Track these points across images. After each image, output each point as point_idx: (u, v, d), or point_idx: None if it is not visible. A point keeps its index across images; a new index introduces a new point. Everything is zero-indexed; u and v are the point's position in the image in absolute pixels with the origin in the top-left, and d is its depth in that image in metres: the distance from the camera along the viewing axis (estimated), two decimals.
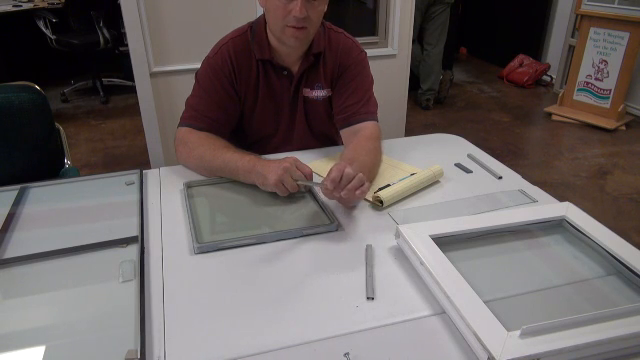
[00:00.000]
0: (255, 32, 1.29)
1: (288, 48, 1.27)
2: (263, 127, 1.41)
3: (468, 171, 1.29)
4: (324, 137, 1.46)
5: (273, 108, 1.37)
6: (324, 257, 0.95)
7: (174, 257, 0.95)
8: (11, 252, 0.97)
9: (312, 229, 1.02)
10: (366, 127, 1.30)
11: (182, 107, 1.33)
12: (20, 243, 1.00)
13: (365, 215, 1.09)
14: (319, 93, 1.36)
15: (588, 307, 0.81)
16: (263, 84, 1.33)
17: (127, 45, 2.36)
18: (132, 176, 1.25)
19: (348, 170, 1.00)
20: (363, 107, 1.33)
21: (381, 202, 1.10)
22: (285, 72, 1.32)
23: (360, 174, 1.01)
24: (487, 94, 4.45)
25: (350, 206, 1.11)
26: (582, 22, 3.73)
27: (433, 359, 0.72)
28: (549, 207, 1.07)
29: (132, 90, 3.04)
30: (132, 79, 2.41)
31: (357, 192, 1.01)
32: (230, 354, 0.73)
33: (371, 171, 1.20)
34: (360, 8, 2.90)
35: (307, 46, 1.29)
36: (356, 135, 1.29)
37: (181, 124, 1.31)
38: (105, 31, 4.00)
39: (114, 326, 0.79)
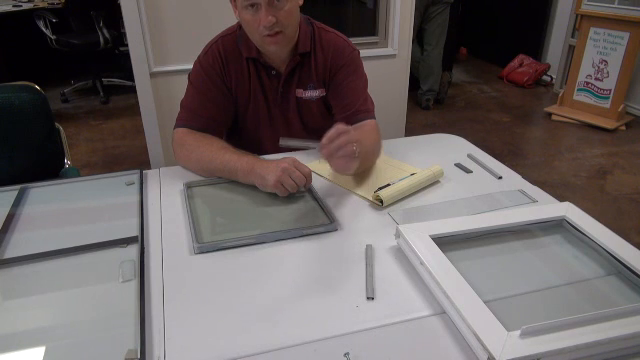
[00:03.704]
0: (242, 32, 1.29)
1: (272, 52, 1.27)
2: (258, 126, 1.41)
3: (468, 171, 1.29)
4: (321, 137, 1.47)
5: (265, 106, 1.38)
6: (324, 257, 0.95)
7: (174, 257, 0.95)
8: (11, 252, 0.97)
9: (312, 229, 1.02)
10: (368, 124, 1.31)
11: None
12: (20, 243, 1.00)
13: (365, 215, 1.09)
14: (312, 93, 1.36)
15: (588, 307, 0.81)
16: (255, 82, 1.34)
17: (127, 45, 2.36)
18: (132, 176, 1.25)
19: (343, 137, 1.02)
20: (362, 105, 1.33)
21: (381, 202, 1.10)
22: (273, 72, 1.33)
23: (352, 146, 1.03)
24: (487, 94, 4.45)
25: (343, 173, 1.12)
26: (582, 22, 3.74)
27: (433, 359, 0.72)
28: (549, 207, 1.07)
29: (132, 90, 3.05)
30: (132, 79, 2.41)
31: (341, 156, 1.03)
32: (230, 354, 0.73)
33: (369, 157, 1.21)
34: (360, 8, 2.90)
35: (292, 46, 1.30)
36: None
37: (177, 125, 1.31)
38: (105, 31, 4.00)
39: (114, 326, 0.79)
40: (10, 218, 1.08)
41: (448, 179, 1.24)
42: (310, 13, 1.37)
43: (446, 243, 0.93)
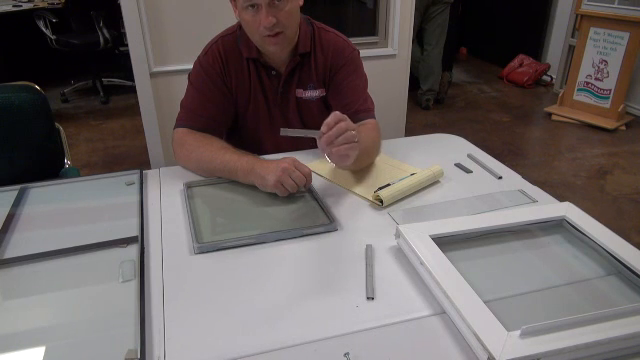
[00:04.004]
0: (242, 32, 1.29)
1: (272, 52, 1.27)
2: (258, 126, 1.41)
3: (468, 171, 1.29)
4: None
5: (265, 106, 1.38)
6: (324, 257, 0.95)
7: (174, 257, 0.95)
8: (11, 252, 0.97)
9: (312, 229, 1.02)
10: (368, 123, 1.31)
11: None
12: (20, 243, 1.00)
13: (365, 215, 1.09)
14: (312, 93, 1.37)
15: (588, 307, 0.81)
16: (255, 82, 1.34)
17: (127, 45, 2.36)
18: (132, 176, 1.25)
19: (342, 124, 1.01)
20: (362, 105, 1.33)
21: (381, 201, 1.10)
22: (273, 72, 1.33)
23: (351, 132, 1.02)
24: (487, 94, 4.45)
25: (340, 165, 1.11)
26: (582, 22, 3.74)
27: (433, 359, 0.72)
28: (549, 207, 1.07)
29: (132, 90, 3.04)
30: (132, 79, 2.41)
31: (344, 148, 1.02)
32: (230, 354, 0.73)
33: (369, 154, 1.20)
34: (360, 8, 2.90)
35: (292, 46, 1.30)
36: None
37: (177, 125, 1.31)
38: (105, 31, 4.00)
39: (114, 326, 0.79)
40: (10, 218, 1.08)
41: (448, 179, 1.24)
42: (310, 13, 1.37)
43: (446, 243, 0.93)
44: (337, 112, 1.03)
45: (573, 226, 0.99)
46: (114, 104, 4.20)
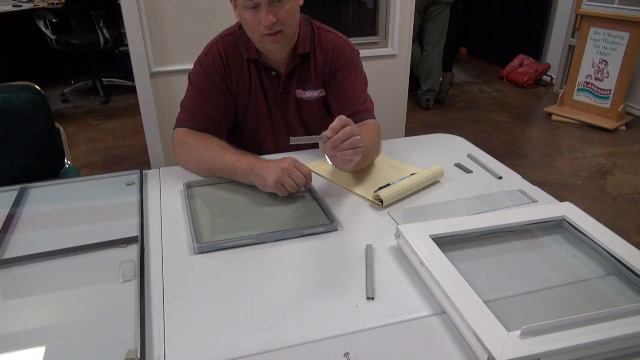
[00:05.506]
0: (242, 33, 1.29)
1: (272, 52, 1.27)
2: (258, 126, 1.41)
3: (468, 171, 1.29)
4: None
5: (265, 107, 1.38)
6: (324, 257, 0.95)
7: (174, 257, 0.95)
8: (11, 252, 0.97)
9: (312, 229, 1.02)
10: (368, 123, 1.31)
11: None
12: (20, 243, 1.00)
13: (365, 215, 1.09)
14: (312, 94, 1.37)
15: (588, 307, 0.81)
16: (255, 82, 1.34)
17: (127, 45, 2.36)
18: (132, 176, 1.25)
19: (348, 128, 1.02)
20: (362, 105, 1.33)
21: (381, 202, 1.10)
22: (273, 73, 1.33)
23: (356, 137, 1.03)
24: (487, 94, 4.45)
25: (343, 168, 1.12)
26: (582, 22, 3.74)
27: (433, 359, 0.72)
28: (549, 207, 1.07)
29: (132, 90, 3.05)
30: (132, 79, 2.41)
31: (348, 152, 1.02)
32: (230, 354, 0.73)
33: (370, 155, 1.21)
34: (360, 8, 2.90)
35: (291, 47, 1.30)
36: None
37: (177, 125, 1.31)
38: (105, 31, 4.00)
39: (114, 326, 0.79)
40: (10, 218, 1.08)
41: (448, 179, 1.24)
42: (310, 13, 1.37)
43: (446, 243, 0.93)
44: (343, 116, 1.04)
45: (573, 226, 0.99)
46: (114, 104, 4.20)
